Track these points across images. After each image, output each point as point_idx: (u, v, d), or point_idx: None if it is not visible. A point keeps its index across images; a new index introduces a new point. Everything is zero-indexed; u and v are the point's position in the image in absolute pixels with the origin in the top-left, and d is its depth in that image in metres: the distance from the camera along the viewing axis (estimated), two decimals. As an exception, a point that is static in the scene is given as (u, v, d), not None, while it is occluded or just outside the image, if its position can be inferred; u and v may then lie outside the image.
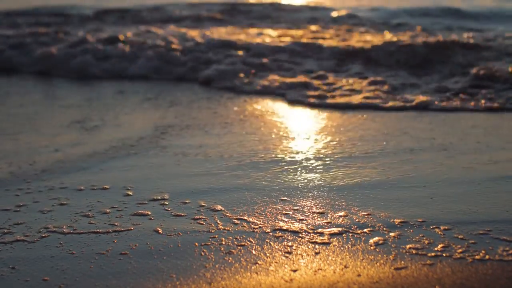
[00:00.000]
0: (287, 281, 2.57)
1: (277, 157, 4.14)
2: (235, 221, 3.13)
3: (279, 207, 3.29)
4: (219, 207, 3.30)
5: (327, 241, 2.90)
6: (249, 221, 3.12)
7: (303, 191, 3.52)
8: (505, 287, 2.51)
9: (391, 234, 2.96)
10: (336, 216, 3.18)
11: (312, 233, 2.98)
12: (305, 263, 2.71)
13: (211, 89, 6.93)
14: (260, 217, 3.17)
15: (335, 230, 3.01)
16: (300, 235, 2.97)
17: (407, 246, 2.84)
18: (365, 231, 3.00)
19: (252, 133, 4.82)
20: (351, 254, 2.78)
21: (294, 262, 2.72)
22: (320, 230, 3.02)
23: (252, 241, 2.92)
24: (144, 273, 2.63)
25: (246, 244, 2.89)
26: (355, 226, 3.06)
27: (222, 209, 3.28)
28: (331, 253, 2.79)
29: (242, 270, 2.66)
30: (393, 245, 2.85)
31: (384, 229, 3.02)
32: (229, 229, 3.05)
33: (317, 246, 2.86)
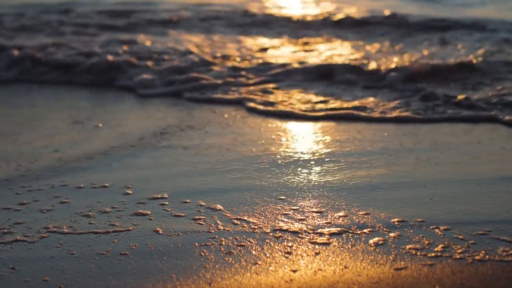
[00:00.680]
0: (287, 281, 2.57)
1: (276, 158, 4.14)
2: (235, 221, 3.13)
3: (279, 208, 3.29)
4: (219, 207, 3.31)
5: (327, 242, 2.90)
6: (249, 222, 3.13)
7: (303, 191, 3.52)
8: (505, 287, 2.51)
9: (391, 234, 2.96)
10: (336, 216, 3.18)
11: (312, 234, 2.98)
12: (305, 263, 2.71)
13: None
14: (260, 218, 3.17)
15: (335, 230, 3.02)
16: (300, 235, 2.97)
17: (407, 246, 2.84)
18: (365, 231, 3.00)
19: (251, 134, 4.82)
20: (351, 254, 2.78)
21: (294, 262, 2.72)
22: (320, 230, 3.02)
23: (252, 241, 2.92)
24: (144, 273, 2.63)
25: (246, 244, 2.89)
26: (355, 226, 3.06)
27: (222, 209, 3.28)
28: (331, 254, 2.79)
29: (242, 270, 2.66)
30: (393, 246, 2.85)
31: (384, 229, 3.02)
32: (229, 229, 3.05)
33: (317, 246, 2.86)
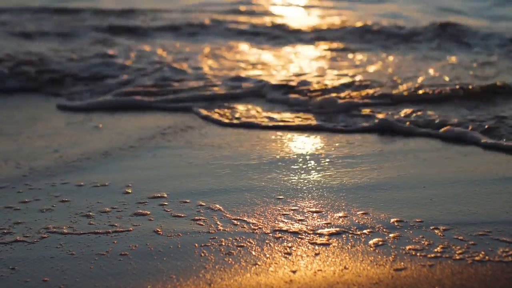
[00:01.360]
0: (286, 282, 2.57)
1: (276, 158, 4.14)
2: (235, 222, 3.13)
3: (278, 208, 3.30)
4: (219, 207, 3.31)
5: (327, 242, 2.90)
6: (248, 222, 3.13)
7: (302, 192, 3.53)
8: (505, 288, 2.51)
9: (391, 235, 2.97)
10: (335, 217, 3.18)
11: (311, 234, 2.99)
12: (304, 264, 2.72)
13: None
14: (259, 218, 3.17)
15: (335, 231, 3.02)
16: (299, 236, 2.97)
17: (407, 247, 2.84)
18: (365, 232, 3.00)
19: (250, 134, 4.82)
20: (351, 255, 2.79)
21: (293, 263, 2.73)
22: (319, 231, 3.02)
23: (251, 242, 2.92)
24: (144, 274, 2.64)
25: (245, 245, 2.89)
26: (354, 227, 3.06)
27: (221, 210, 3.28)
28: (330, 254, 2.80)
29: (242, 271, 2.66)
30: (392, 246, 2.86)
31: (383, 230, 3.02)
32: (228, 230, 3.05)
33: (317, 247, 2.86)
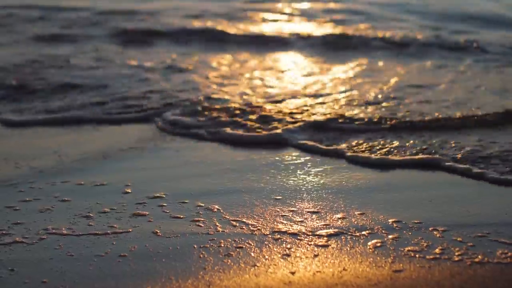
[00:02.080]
0: (286, 283, 2.57)
1: (275, 159, 4.14)
2: (234, 223, 3.14)
3: (277, 209, 3.30)
4: (218, 209, 3.31)
5: (326, 244, 2.91)
6: (247, 223, 3.13)
7: (301, 193, 3.53)
8: (504, 289, 2.51)
9: (390, 236, 2.97)
10: (334, 218, 3.18)
11: (310, 235, 2.99)
12: (303, 265, 2.72)
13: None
14: (258, 219, 3.18)
15: (333, 232, 3.02)
16: (298, 237, 2.97)
17: (406, 248, 2.85)
18: (364, 233, 3.01)
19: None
20: (350, 256, 2.79)
21: (292, 264, 2.73)
22: (318, 232, 3.02)
23: (251, 243, 2.92)
24: (143, 275, 2.64)
25: (244, 246, 2.89)
26: (353, 228, 3.06)
27: (220, 211, 3.28)
28: (329, 256, 2.80)
29: (241, 272, 2.66)
30: (391, 248, 2.86)
31: (382, 231, 3.02)
32: (227, 231, 3.05)
33: (316, 248, 2.87)
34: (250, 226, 3.10)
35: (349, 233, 3.01)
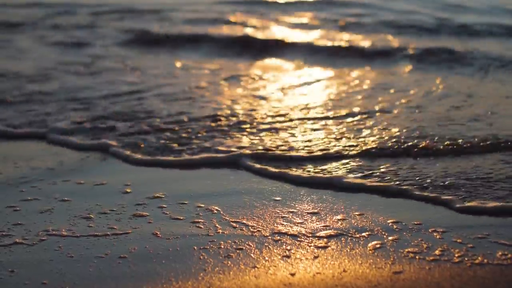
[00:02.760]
0: (285, 284, 2.57)
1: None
2: (234, 224, 3.14)
3: (277, 211, 3.30)
4: (218, 210, 3.31)
5: (326, 245, 2.91)
6: (247, 225, 3.13)
7: (301, 194, 3.53)
8: (504, 291, 2.52)
9: (390, 238, 2.97)
10: (334, 219, 3.18)
11: (310, 237, 2.99)
12: (303, 266, 2.72)
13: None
14: (258, 221, 3.18)
15: (334, 233, 3.02)
16: (298, 238, 2.97)
17: (406, 250, 2.85)
18: (364, 234, 3.01)
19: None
20: (350, 258, 2.79)
21: (292, 265, 2.73)
22: (318, 233, 3.02)
23: (251, 244, 2.92)
24: (143, 276, 2.64)
25: (244, 247, 2.89)
26: (353, 230, 3.06)
27: (220, 212, 3.28)
28: (329, 257, 2.80)
29: (241, 274, 2.66)
30: (391, 249, 2.86)
31: (382, 233, 3.02)
32: (227, 232, 3.05)
33: (316, 250, 2.87)
34: (250, 227, 3.10)
35: (349, 235, 3.01)
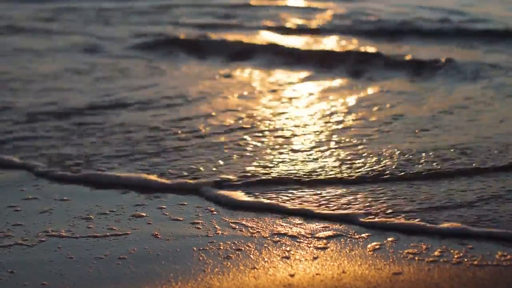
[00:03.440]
0: (285, 285, 2.57)
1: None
2: (233, 225, 3.14)
3: (277, 212, 3.30)
4: (217, 211, 3.31)
5: (325, 246, 2.91)
6: (247, 226, 3.13)
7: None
8: (503, 292, 2.52)
9: (389, 239, 2.97)
10: (334, 220, 3.18)
11: (310, 238, 2.99)
12: (303, 267, 2.72)
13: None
14: (258, 222, 3.18)
15: (333, 234, 3.02)
16: (298, 239, 2.98)
17: (405, 251, 2.85)
18: (363, 236, 3.01)
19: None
20: (349, 259, 2.79)
21: (292, 266, 2.73)
22: (317, 234, 3.02)
23: (250, 245, 2.92)
24: (142, 277, 2.64)
25: (244, 248, 2.89)
26: (353, 231, 3.06)
27: (220, 213, 3.28)
28: (329, 258, 2.80)
29: (240, 275, 2.66)
30: (390, 250, 2.86)
31: (382, 234, 3.02)
32: (227, 233, 3.05)
33: (315, 250, 2.87)
34: (249, 228, 3.11)
35: (348, 236, 3.01)
